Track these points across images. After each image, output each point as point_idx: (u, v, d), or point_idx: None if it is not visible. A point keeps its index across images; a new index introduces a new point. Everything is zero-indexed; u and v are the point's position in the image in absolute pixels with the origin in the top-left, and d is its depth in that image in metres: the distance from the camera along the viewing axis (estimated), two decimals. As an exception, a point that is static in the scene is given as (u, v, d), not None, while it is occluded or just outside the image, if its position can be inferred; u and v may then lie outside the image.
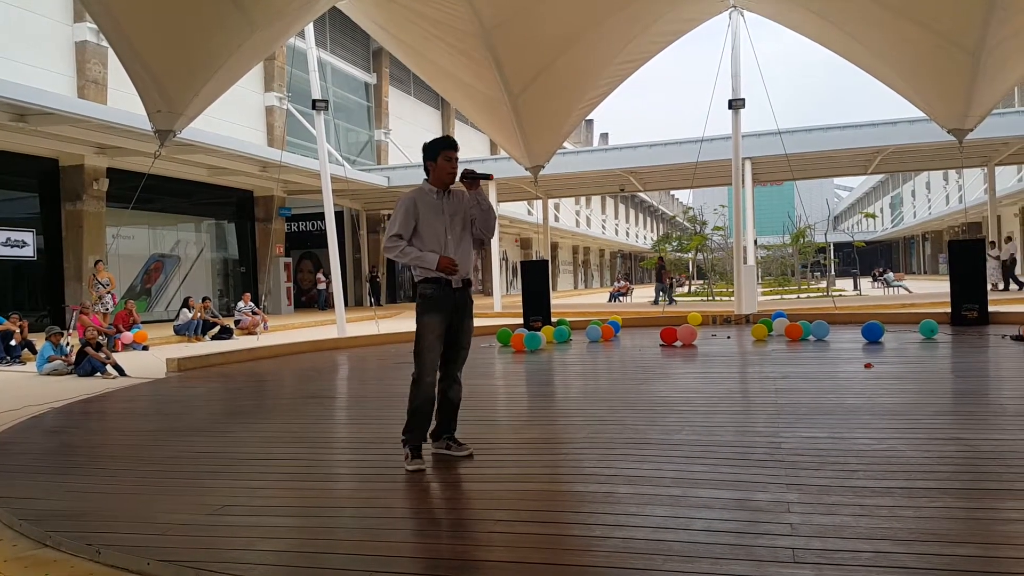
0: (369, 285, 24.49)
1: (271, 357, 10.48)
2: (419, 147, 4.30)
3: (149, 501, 3.60)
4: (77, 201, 16.10)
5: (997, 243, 20.81)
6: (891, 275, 25.54)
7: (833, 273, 38.33)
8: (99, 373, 9.07)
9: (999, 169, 23.96)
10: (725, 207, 31.65)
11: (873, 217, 50.09)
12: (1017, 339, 8.64)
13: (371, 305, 20.77)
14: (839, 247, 49.76)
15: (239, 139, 17.84)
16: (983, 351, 8.28)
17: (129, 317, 13.61)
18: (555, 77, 11.04)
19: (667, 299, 21.56)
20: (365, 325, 15.49)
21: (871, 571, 2.41)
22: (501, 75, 10.84)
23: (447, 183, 4.09)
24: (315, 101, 13.22)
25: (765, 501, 3.15)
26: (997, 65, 9.62)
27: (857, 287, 27.22)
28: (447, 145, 4.08)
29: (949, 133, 11.27)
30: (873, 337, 9.17)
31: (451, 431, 4.22)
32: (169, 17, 7.23)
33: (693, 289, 33.71)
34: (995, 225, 22.93)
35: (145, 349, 12.75)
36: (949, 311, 11.21)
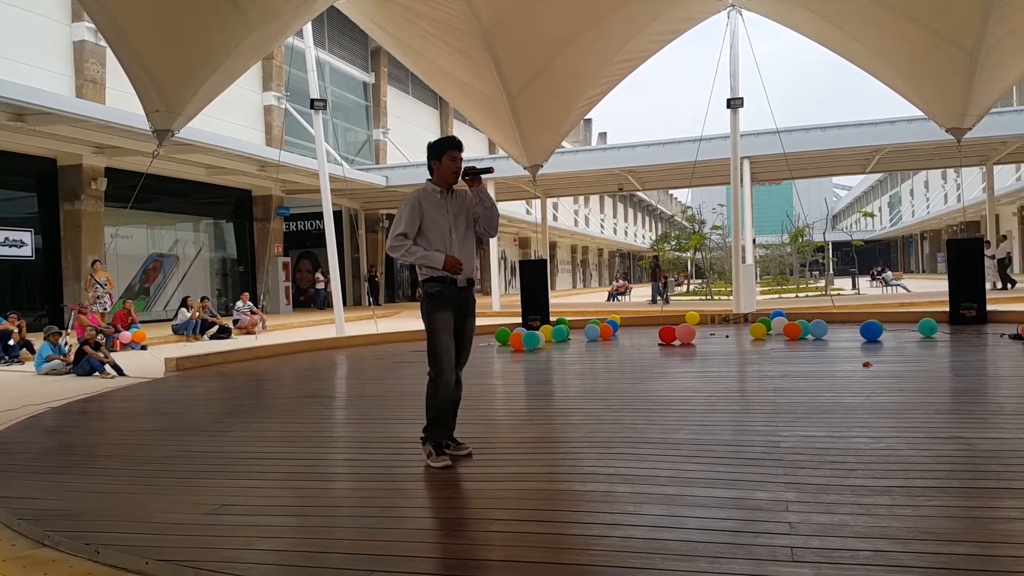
0: (368, 284, 24.48)
1: (269, 357, 10.47)
2: (418, 147, 4.31)
3: (147, 500, 3.60)
4: (75, 201, 16.09)
5: (993, 241, 20.81)
6: (889, 274, 25.57)
7: (831, 272, 38.40)
8: (97, 373, 9.07)
9: (997, 168, 23.96)
10: (723, 206, 31.62)
11: (872, 216, 50.06)
12: (1015, 338, 8.64)
13: (370, 304, 20.77)
14: (837, 246, 49.86)
15: (237, 138, 17.83)
16: (981, 350, 8.29)
17: (127, 317, 13.61)
18: (553, 76, 11.04)
19: (663, 298, 21.59)
20: (364, 324, 15.47)
21: (869, 570, 2.41)
22: (499, 74, 10.84)
23: (451, 183, 4.10)
24: (313, 100, 13.20)
25: (763, 500, 3.15)
26: (995, 64, 9.64)
27: (855, 286, 27.25)
28: (452, 145, 4.09)
29: (947, 132, 11.30)
30: (871, 336, 9.18)
31: (450, 430, 4.22)
32: (167, 16, 7.23)
33: (692, 288, 33.72)
34: (993, 224, 22.93)
35: (143, 349, 12.74)
36: (947, 310, 11.22)
